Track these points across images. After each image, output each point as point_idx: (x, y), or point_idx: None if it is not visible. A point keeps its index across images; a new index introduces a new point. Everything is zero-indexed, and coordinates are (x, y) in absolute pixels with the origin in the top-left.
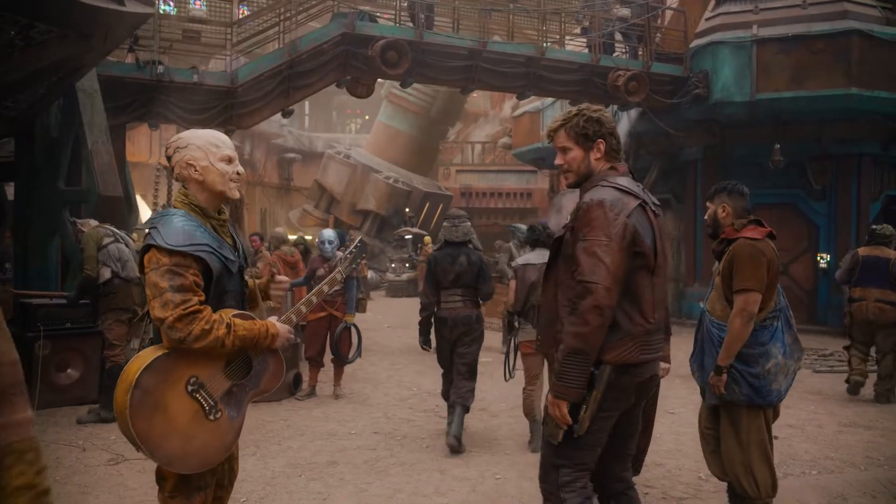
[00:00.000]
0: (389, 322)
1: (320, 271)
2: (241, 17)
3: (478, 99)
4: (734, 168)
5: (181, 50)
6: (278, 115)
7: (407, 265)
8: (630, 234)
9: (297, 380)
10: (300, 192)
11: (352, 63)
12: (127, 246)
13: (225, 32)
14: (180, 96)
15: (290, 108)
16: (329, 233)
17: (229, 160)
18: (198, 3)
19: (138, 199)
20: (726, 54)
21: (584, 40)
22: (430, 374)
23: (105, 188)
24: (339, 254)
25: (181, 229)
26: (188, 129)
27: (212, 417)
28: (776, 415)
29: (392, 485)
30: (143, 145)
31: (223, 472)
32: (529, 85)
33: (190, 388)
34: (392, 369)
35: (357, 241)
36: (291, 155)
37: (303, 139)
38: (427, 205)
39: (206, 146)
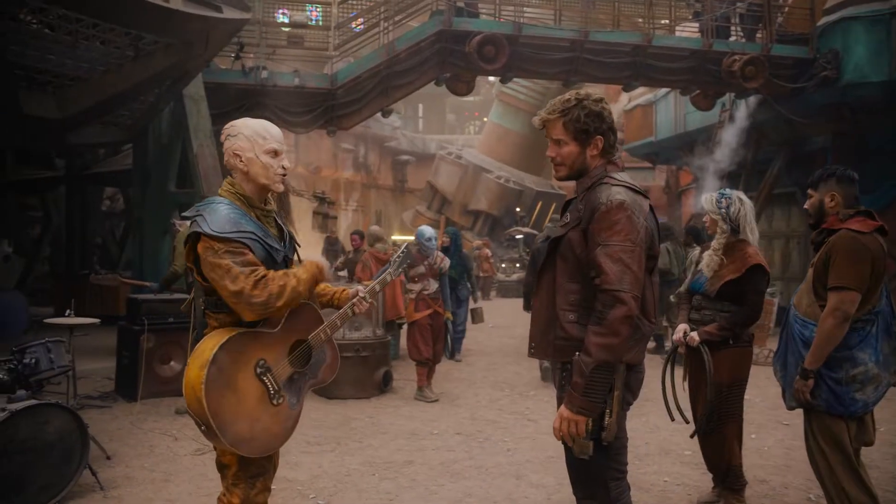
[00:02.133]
0: (494, 322)
1: (420, 269)
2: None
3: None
4: (871, 158)
5: (286, 55)
6: (392, 118)
7: (517, 265)
8: (648, 238)
9: (387, 378)
10: (414, 193)
11: (449, 60)
12: None
13: (326, 36)
14: (283, 99)
15: (390, 107)
16: (429, 230)
17: (275, 153)
18: (314, 12)
19: None
20: (859, 30)
21: (694, 26)
22: (525, 375)
23: (209, 189)
24: (438, 252)
25: (226, 217)
26: (293, 132)
27: (275, 402)
28: (868, 439)
29: (463, 488)
30: None
31: None
32: (635, 75)
33: (258, 370)
34: (488, 369)
35: (403, 246)
36: (405, 157)
37: (416, 141)
38: (539, 204)
39: (254, 137)
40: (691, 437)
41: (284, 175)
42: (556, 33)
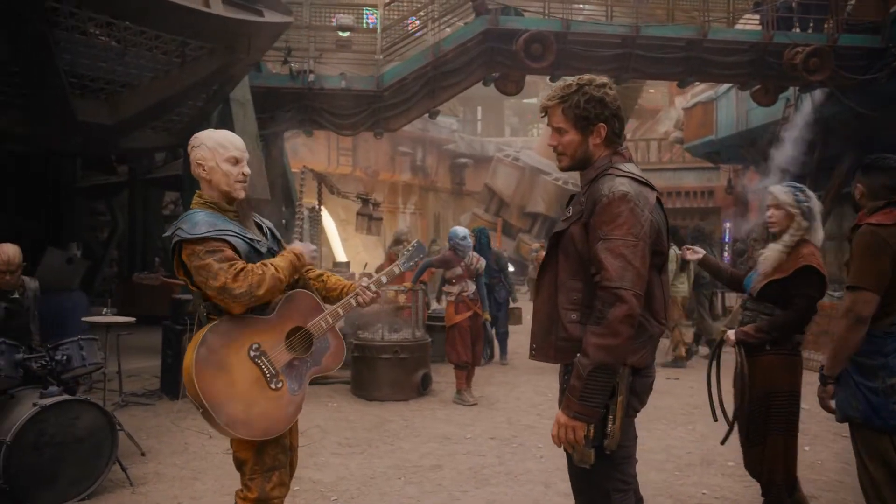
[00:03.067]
0: None
1: (458, 270)
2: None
3: (654, 94)
4: None
5: (337, 58)
6: (450, 121)
7: None
8: (654, 232)
9: (426, 380)
10: (472, 196)
11: (496, 59)
12: None
13: (374, 39)
14: (330, 102)
15: (437, 109)
16: (462, 230)
17: (235, 161)
18: (371, 17)
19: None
20: None
21: (753, 18)
22: None
23: (253, 191)
24: (473, 252)
25: (203, 221)
26: (341, 134)
27: (272, 386)
28: None
29: (489, 495)
30: (321, 155)
31: None
32: (689, 70)
33: (252, 353)
34: (532, 373)
35: (415, 241)
36: (463, 160)
37: (474, 144)
38: None
39: (215, 147)
40: (721, 443)
41: (244, 182)
42: (607, 29)
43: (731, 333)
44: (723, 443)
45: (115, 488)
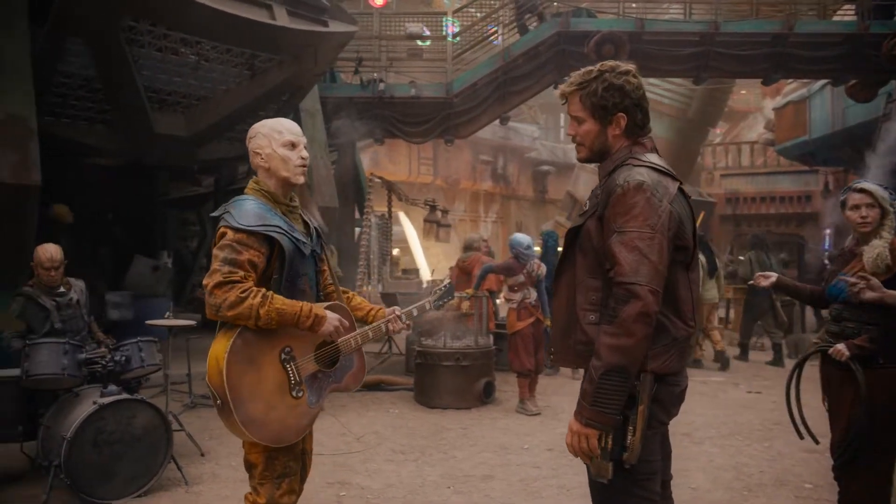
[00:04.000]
0: None
1: (520, 278)
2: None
3: (746, 95)
4: None
5: (405, 66)
6: (531, 129)
7: None
8: (675, 224)
9: (489, 388)
10: (554, 203)
11: (568, 63)
12: None
13: (444, 46)
14: (401, 110)
15: (507, 114)
16: (527, 239)
17: (292, 145)
18: (452, 27)
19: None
20: None
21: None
22: None
23: (321, 199)
24: (536, 259)
25: (253, 212)
26: (411, 142)
27: (294, 394)
28: None
29: None
30: (402, 164)
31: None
32: (774, 67)
33: (283, 356)
34: None
35: (447, 281)
36: (545, 167)
37: (556, 151)
38: None
39: (270, 133)
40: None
41: (303, 166)
42: (683, 27)
43: (841, 348)
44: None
45: (170, 486)
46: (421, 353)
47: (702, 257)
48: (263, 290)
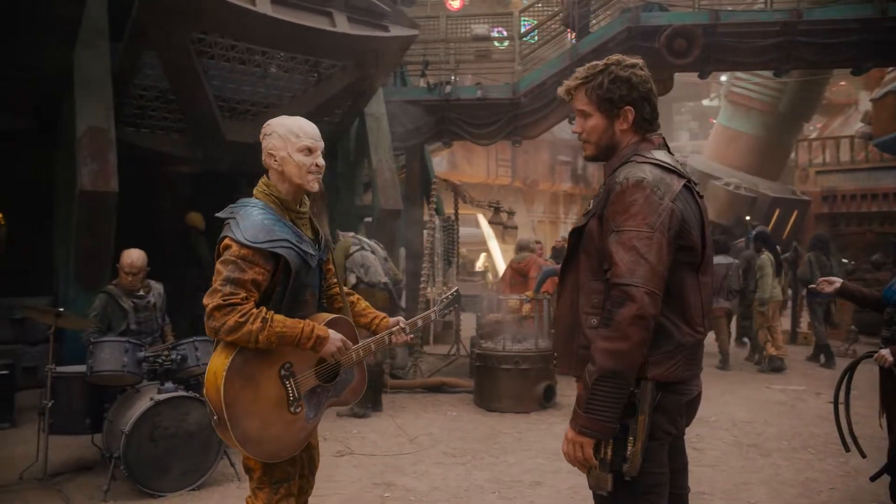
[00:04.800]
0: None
1: None
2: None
3: (844, 87)
4: None
5: (473, 68)
6: None
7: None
8: (677, 223)
9: (549, 392)
10: None
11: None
12: (373, 253)
13: (512, 46)
14: (467, 113)
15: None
16: None
17: (309, 151)
18: (528, 27)
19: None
20: None
21: None
22: (717, 400)
23: (386, 202)
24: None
25: (260, 224)
26: (478, 144)
27: (292, 410)
28: None
29: None
30: (480, 166)
31: (302, 461)
32: (865, 56)
33: (283, 372)
34: None
35: (454, 289)
36: None
37: None
38: (777, 212)
39: (287, 135)
40: (872, 479)
41: (318, 174)
42: (761, 17)
43: (885, 353)
44: (873, 479)
45: (223, 481)
46: (480, 356)
47: (769, 255)
48: (263, 312)
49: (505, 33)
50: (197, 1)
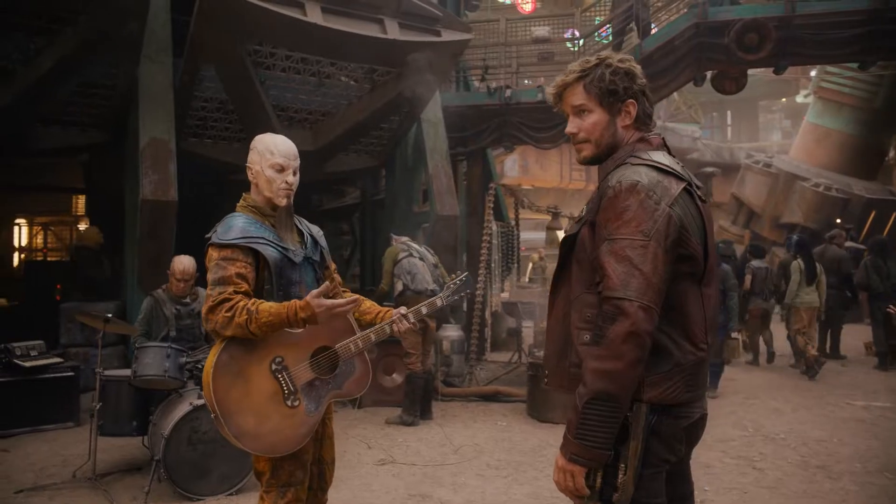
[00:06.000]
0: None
1: None
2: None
3: None
4: None
5: (534, 71)
6: (692, 129)
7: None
8: (675, 230)
9: None
10: (720, 207)
11: (706, 55)
12: (422, 259)
13: (573, 48)
14: (527, 116)
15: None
16: None
17: (280, 169)
18: (604, 29)
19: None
20: None
21: None
22: (788, 416)
23: (442, 208)
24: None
25: (237, 227)
26: (540, 147)
27: (289, 403)
28: None
29: None
30: (553, 171)
31: (312, 475)
32: None
33: (274, 366)
34: (744, 404)
35: (463, 275)
36: (710, 169)
37: (722, 152)
38: (873, 214)
39: (263, 152)
40: None
41: (288, 190)
42: (844, 6)
43: None
44: None
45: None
46: (532, 365)
47: (800, 262)
48: (248, 304)
49: (577, 34)
50: (249, 14)
